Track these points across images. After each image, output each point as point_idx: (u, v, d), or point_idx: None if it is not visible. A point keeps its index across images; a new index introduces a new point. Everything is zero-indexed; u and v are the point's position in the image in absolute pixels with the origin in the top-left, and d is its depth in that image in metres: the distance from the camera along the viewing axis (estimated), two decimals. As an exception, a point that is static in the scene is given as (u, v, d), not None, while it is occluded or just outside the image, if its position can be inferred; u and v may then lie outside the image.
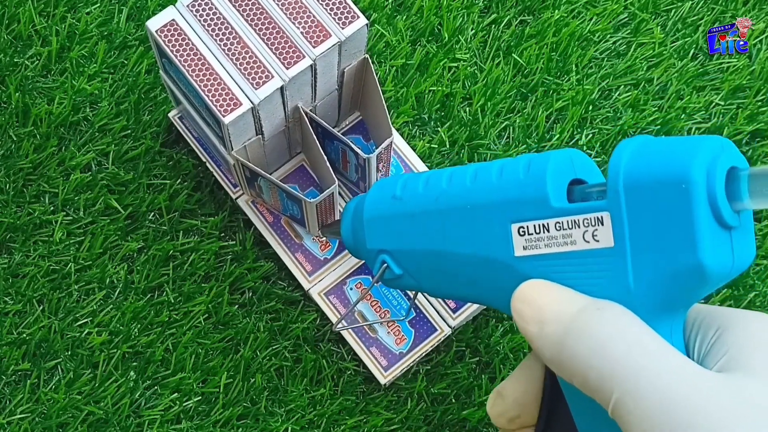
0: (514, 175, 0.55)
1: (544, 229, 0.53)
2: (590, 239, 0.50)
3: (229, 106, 0.69)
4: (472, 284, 0.60)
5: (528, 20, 0.95)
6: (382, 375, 0.80)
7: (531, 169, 0.54)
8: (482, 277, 0.58)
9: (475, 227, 0.57)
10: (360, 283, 0.83)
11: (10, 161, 0.86)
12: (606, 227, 0.49)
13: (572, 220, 0.51)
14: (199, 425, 0.81)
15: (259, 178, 0.77)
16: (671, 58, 0.93)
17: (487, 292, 0.59)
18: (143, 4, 0.92)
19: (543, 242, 0.53)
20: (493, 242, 0.56)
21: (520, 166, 0.55)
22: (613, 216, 0.49)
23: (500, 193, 0.56)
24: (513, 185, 0.55)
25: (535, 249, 0.54)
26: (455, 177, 0.60)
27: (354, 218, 0.69)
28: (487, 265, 0.57)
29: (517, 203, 0.54)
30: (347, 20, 0.72)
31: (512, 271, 0.55)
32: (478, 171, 0.58)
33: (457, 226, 0.59)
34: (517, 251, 0.55)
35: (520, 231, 0.54)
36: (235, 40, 0.71)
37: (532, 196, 0.53)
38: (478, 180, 0.58)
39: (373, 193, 0.67)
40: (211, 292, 0.84)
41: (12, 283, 0.83)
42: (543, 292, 0.51)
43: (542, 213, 0.53)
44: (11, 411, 0.80)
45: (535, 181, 0.53)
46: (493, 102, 0.90)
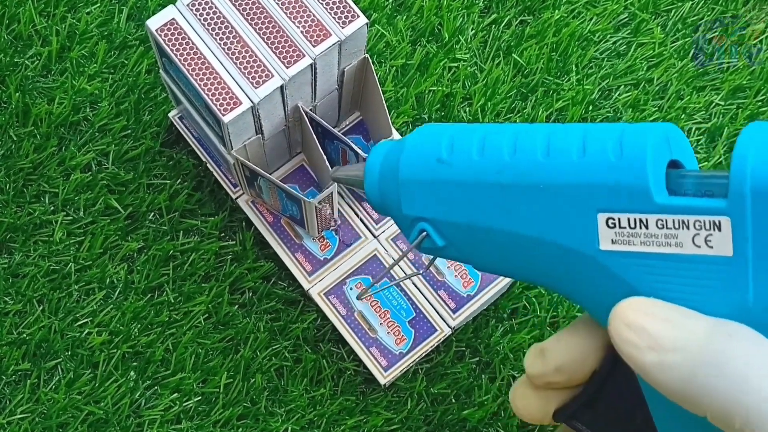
0: (602, 155, 0.47)
1: (641, 224, 0.46)
2: (702, 244, 0.44)
3: (229, 105, 0.69)
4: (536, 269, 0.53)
5: (528, 20, 0.95)
6: (381, 375, 0.80)
7: (625, 150, 0.46)
8: (555, 265, 0.51)
9: (548, 210, 0.50)
10: (360, 283, 0.83)
11: (10, 161, 0.86)
12: (724, 234, 0.43)
13: (680, 219, 0.45)
14: (199, 425, 0.80)
15: (258, 178, 0.77)
16: (671, 58, 0.93)
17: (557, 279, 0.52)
18: (143, 4, 0.92)
19: (638, 239, 0.46)
20: (571, 230, 0.49)
21: (608, 144, 0.47)
22: (735, 222, 0.42)
23: (585, 175, 0.48)
24: (602, 168, 0.47)
25: (628, 245, 0.47)
26: (521, 146, 0.51)
27: (383, 175, 0.60)
28: (562, 253, 0.50)
29: (607, 191, 0.47)
30: (347, 19, 0.72)
31: (594, 264, 0.48)
32: (551, 142, 0.50)
33: (525, 206, 0.51)
34: (603, 244, 0.48)
35: (609, 222, 0.47)
36: (235, 39, 0.71)
37: (628, 186, 0.46)
38: (553, 156, 0.49)
39: (410, 149, 0.58)
40: (211, 292, 0.84)
41: (12, 283, 0.83)
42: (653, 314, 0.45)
43: (641, 207, 0.46)
44: (11, 411, 0.80)
45: (632, 168, 0.46)
46: (493, 102, 0.90)
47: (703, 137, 0.91)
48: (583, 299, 0.51)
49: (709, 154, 0.90)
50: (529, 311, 0.84)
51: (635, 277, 0.47)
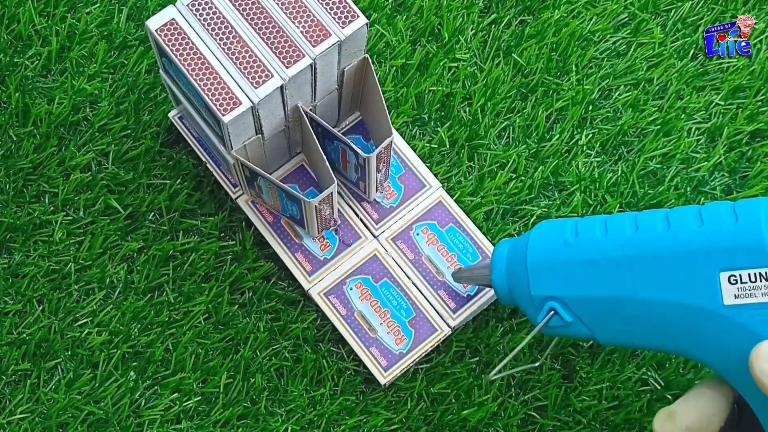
0: (720, 222, 0.53)
1: (761, 277, 0.51)
2: None
3: (228, 105, 0.69)
4: (665, 332, 0.58)
5: (528, 20, 0.95)
6: (381, 375, 0.80)
7: (740, 217, 0.53)
8: (679, 324, 0.57)
9: (673, 275, 0.56)
10: (360, 282, 0.83)
11: (10, 161, 0.86)
12: None
13: None
14: (199, 425, 0.80)
15: (258, 178, 0.77)
16: (671, 58, 0.93)
17: (684, 340, 0.57)
18: (143, 4, 0.92)
19: (760, 291, 0.51)
20: (696, 290, 0.55)
21: (723, 213, 0.53)
22: None
23: (705, 241, 0.54)
24: (721, 233, 0.53)
25: (751, 298, 0.52)
26: (642, 223, 0.58)
27: (510, 265, 0.68)
28: (688, 313, 0.55)
29: (726, 251, 0.53)
30: (347, 20, 0.72)
31: (720, 319, 0.54)
32: (670, 217, 0.57)
33: (651, 274, 0.57)
34: (726, 299, 0.53)
35: (731, 279, 0.53)
36: (234, 39, 0.71)
37: (746, 244, 0.52)
38: (674, 228, 0.56)
39: (537, 239, 0.66)
40: (211, 292, 0.84)
41: (12, 283, 0.83)
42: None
43: (760, 262, 0.51)
44: (11, 411, 0.80)
45: (748, 229, 0.52)
46: (493, 102, 0.90)
47: (703, 137, 0.91)
48: (710, 356, 0.56)
49: (709, 154, 0.90)
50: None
51: (762, 325, 0.52)
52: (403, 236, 0.84)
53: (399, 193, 0.85)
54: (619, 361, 0.83)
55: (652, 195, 0.87)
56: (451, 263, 0.83)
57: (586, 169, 0.89)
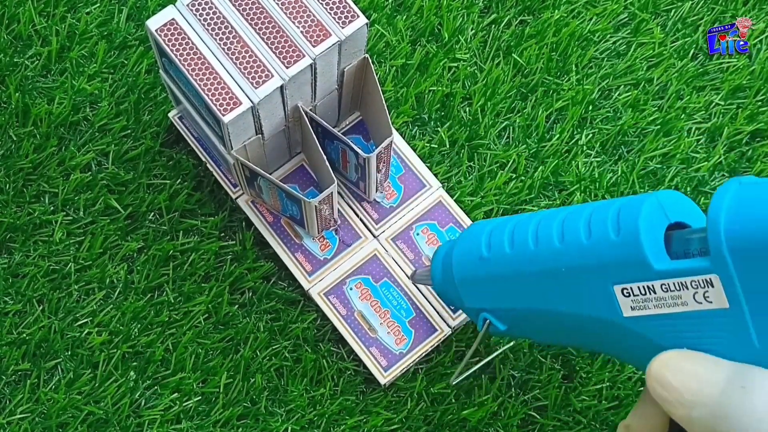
0: (604, 234, 0.53)
1: (649, 290, 0.50)
2: (702, 300, 0.48)
3: (228, 105, 0.69)
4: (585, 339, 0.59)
5: (528, 20, 0.95)
6: (382, 375, 0.80)
7: (621, 227, 0.52)
8: (594, 333, 0.57)
9: (575, 289, 0.56)
10: (360, 282, 0.83)
11: (10, 161, 0.86)
12: (717, 289, 0.47)
13: (678, 282, 0.49)
14: (199, 425, 0.80)
15: (258, 178, 0.77)
16: (671, 58, 0.93)
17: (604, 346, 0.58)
18: (143, 4, 0.92)
19: (651, 303, 0.51)
20: (597, 303, 0.54)
21: (608, 223, 0.53)
22: (723, 278, 0.46)
23: (593, 256, 0.53)
24: (606, 247, 0.52)
25: (645, 310, 0.51)
26: (542, 235, 0.58)
27: (444, 275, 0.69)
28: (597, 324, 0.55)
29: (614, 266, 0.52)
30: (347, 20, 0.72)
31: (623, 329, 0.53)
32: (565, 227, 0.56)
33: (555, 288, 0.57)
34: (625, 312, 0.53)
35: (624, 292, 0.52)
36: (234, 39, 0.71)
37: (629, 259, 0.51)
38: (567, 240, 0.56)
39: (459, 251, 0.67)
40: (211, 292, 0.84)
41: (12, 283, 0.83)
42: (679, 369, 0.48)
43: (644, 275, 0.50)
44: (11, 411, 0.80)
45: (629, 243, 0.51)
46: (493, 102, 0.90)
47: (703, 137, 0.91)
48: (625, 358, 0.57)
49: (709, 154, 0.90)
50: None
51: (659, 336, 0.51)
52: (403, 236, 0.84)
53: (399, 193, 0.85)
54: (619, 360, 0.83)
55: (652, 195, 0.88)
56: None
57: (586, 169, 0.89)
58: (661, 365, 0.49)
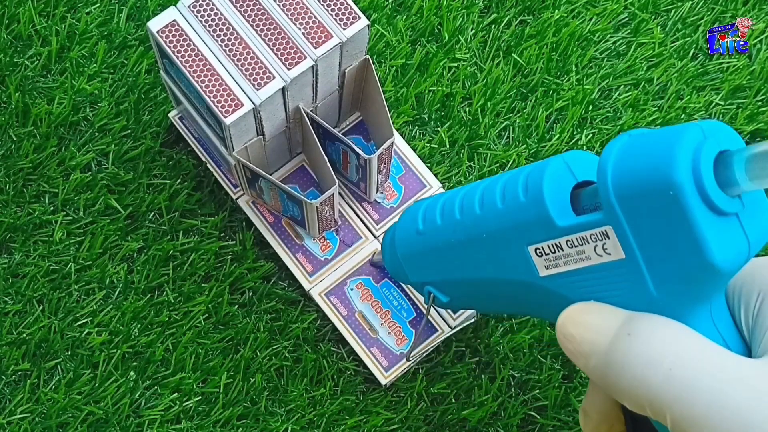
0: (515, 197, 0.54)
1: (557, 248, 0.52)
2: (602, 253, 0.49)
3: (230, 107, 0.69)
4: (517, 304, 0.60)
5: (528, 20, 0.95)
6: (383, 375, 0.80)
7: (528, 188, 0.53)
8: (522, 297, 0.58)
9: (496, 254, 0.57)
10: (361, 283, 0.83)
11: (10, 161, 0.86)
12: (612, 240, 0.48)
13: (580, 237, 0.50)
14: (199, 425, 0.81)
15: (260, 179, 0.77)
16: (671, 58, 0.93)
17: (534, 308, 0.59)
18: (143, 4, 0.92)
19: (561, 260, 0.52)
20: (517, 266, 0.56)
21: (518, 186, 0.54)
22: (615, 229, 0.47)
23: (507, 219, 0.55)
24: (516, 209, 0.54)
25: (557, 267, 0.53)
26: (465, 204, 0.60)
27: (391, 253, 0.70)
28: (521, 287, 0.57)
29: (525, 227, 0.54)
30: (348, 21, 0.72)
31: (543, 289, 0.55)
32: (485, 195, 0.58)
33: (480, 255, 0.59)
34: (541, 272, 0.54)
35: (537, 252, 0.54)
36: (236, 40, 0.71)
37: (536, 219, 0.52)
38: (485, 206, 0.57)
39: (400, 228, 0.69)
40: (211, 292, 0.84)
41: (12, 283, 0.83)
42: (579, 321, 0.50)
43: (551, 233, 0.52)
44: (11, 411, 0.80)
45: (535, 203, 0.52)
46: (493, 102, 0.90)
47: (703, 137, 0.91)
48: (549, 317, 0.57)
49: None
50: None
51: (571, 292, 0.53)
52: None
53: (399, 194, 0.85)
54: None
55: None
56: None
57: (586, 169, 0.89)
58: (565, 318, 0.51)
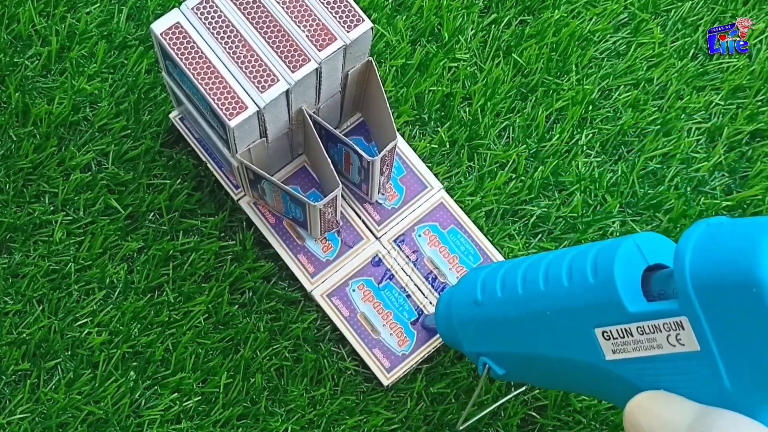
0: (583, 277, 0.53)
1: (627, 333, 0.51)
2: (675, 343, 0.48)
3: (234, 109, 0.69)
4: (577, 383, 0.60)
5: (528, 20, 0.95)
6: (384, 376, 0.81)
7: (598, 269, 0.52)
8: (584, 377, 0.57)
9: (560, 332, 0.56)
10: (362, 284, 0.83)
11: (10, 161, 0.86)
12: (687, 331, 0.47)
13: (653, 324, 0.49)
14: (199, 425, 0.81)
15: (262, 181, 0.77)
16: (671, 58, 0.94)
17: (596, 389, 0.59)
18: (143, 4, 0.92)
19: (630, 346, 0.51)
20: (582, 347, 0.55)
21: (587, 265, 0.53)
22: (691, 320, 0.47)
23: (574, 299, 0.54)
24: (584, 290, 0.53)
25: (624, 353, 0.52)
26: (528, 278, 0.59)
27: (446, 320, 0.70)
28: (584, 368, 0.56)
29: (593, 309, 0.53)
30: (352, 24, 0.71)
31: (608, 373, 0.54)
32: (549, 270, 0.57)
33: (542, 332, 0.58)
34: (607, 355, 0.53)
35: (605, 335, 0.53)
36: (240, 43, 0.70)
37: (606, 302, 0.52)
38: (550, 283, 0.56)
39: (457, 296, 0.68)
40: (211, 292, 0.84)
41: (12, 283, 0.83)
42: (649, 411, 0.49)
43: (621, 318, 0.51)
44: (11, 411, 0.80)
45: (605, 286, 0.51)
46: (493, 102, 0.90)
47: (703, 137, 0.91)
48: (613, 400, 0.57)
49: (709, 154, 0.90)
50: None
51: (639, 378, 0.52)
52: (406, 238, 0.84)
53: (401, 195, 0.85)
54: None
55: (652, 195, 0.88)
56: (452, 265, 0.83)
57: (586, 169, 0.89)
58: (633, 407, 0.50)
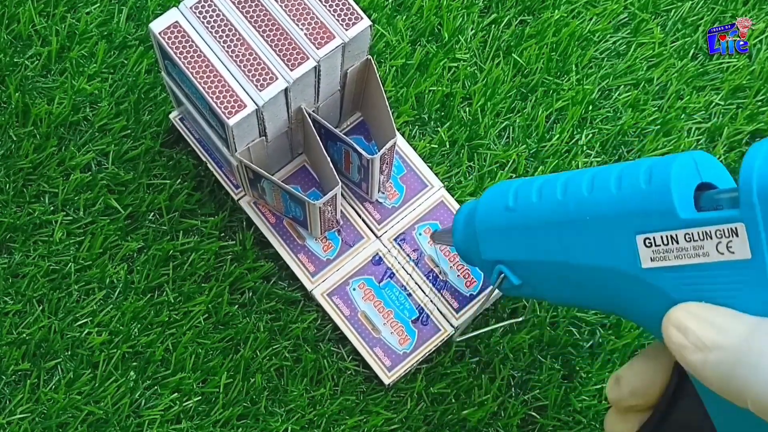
0: (635, 184, 0.53)
1: (672, 240, 0.51)
2: (724, 251, 0.48)
3: (233, 108, 0.69)
4: (598, 295, 0.60)
5: (528, 20, 0.95)
6: (386, 375, 0.81)
7: (653, 177, 0.52)
8: (609, 288, 0.57)
9: (597, 239, 0.56)
10: (363, 283, 0.83)
11: (10, 161, 0.86)
12: (741, 239, 0.47)
13: (703, 231, 0.49)
14: (199, 425, 0.80)
15: (262, 180, 0.77)
16: (671, 58, 0.94)
17: (617, 302, 0.58)
18: (143, 4, 0.92)
19: (672, 254, 0.51)
20: (617, 254, 0.55)
21: (640, 174, 0.53)
22: (749, 227, 0.46)
23: (622, 204, 0.54)
24: (635, 196, 0.53)
25: (664, 261, 0.52)
26: (570, 186, 0.59)
27: (466, 228, 0.70)
28: (614, 277, 0.56)
29: (641, 215, 0.53)
30: (351, 21, 0.71)
31: (641, 282, 0.54)
32: (595, 179, 0.57)
33: (578, 238, 0.58)
34: (644, 263, 0.53)
35: (647, 242, 0.53)
36: (238, 42, 0.70)
37: (658, 208, 0.52)
38: (596, 190, 0.56)
39: (484, 203, 0.68)
40: (211, 292, 0.84)
41: (12, 283, 0.83)
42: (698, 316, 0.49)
43: (669, 224, 0.51)
44: (11, 411, 0.80)
45: (660, 191, 0.52)
46: (493, 102, 0.90)
47: (703, 137, 0.91)
48: (636, 316, 0.57)
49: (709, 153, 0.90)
50: (528, 311, 0.85)
51: (675, 289, 0.51)
52: (406, 236, 0.84)
53: (401, 194, 0.85)
54: (620, 360, 0.83)
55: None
56: (453, 263, 0.83)
57: (586, 169, 0.89)
58: (682, 311, 0.50)
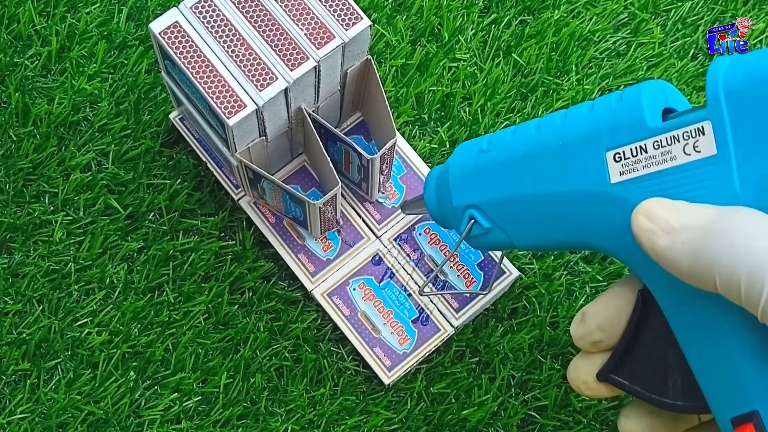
0: (606, 106, 0.56)
1: (641, 150, 0.54)
2: (691, 151, 0.51)
3: (233, 108, 0.69)
4: (567, 225, 0.61)
5: (528, 20, 0.95)
6: (386, 375, 0.81)
7: (624, 97, 0.55)
8: (578, 214, 0.59)
9: (567, 163, 0.58)
10: (363, 283, 0.83)
11: (10, 161, 0.86)
12: (708, 136, 0.50)
13: (671, 136, 0.52)
14: (199, 425, 0.81)
15: (262, 180, 0.77)
16: (671, 58, 0.94)
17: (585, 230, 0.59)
18: (143, 4, 0.92)
19: (641, 164, 0.54)
20: (587, 174, 0.57)
21: (612, 98, 0.56)
22: (715, 124, 0.49)
23: (593, 123, 0.57)
24: (606, 114, 0.56)
25: (633, 172, 0.54)
26: (544, 122, 0.61)
27: (438, 182, 0.70)
28: (583, 200, 0.58)
29: (611, 130, 0.55)
30: (351, 21, 0.72)
31: (610, 199, 0.56)
32: (569, 111, 0.59)
33: (548, 166, 0.60)
34: (613, 178, 0.55)
35: (616, 157, 0.55)
36: (238, 42, 0.71)
37: (628, 120, 0.54)
38: (569, 117, 0.59)
39: (457, 154, 0.69)
40: (211, 292, 0.84)
41: (12, 283, 0.83)
42: (667, 204, 0.51)
43: (639, 135, 0.54)
44: (11, 411, 0.80)
45: (630, 106, 0.54)
46: (493, 102, 0.90)
47: (703, 137, 0.91)
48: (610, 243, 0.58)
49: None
50: (528, 311, 0.85)
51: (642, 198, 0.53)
52: (406, 236, 0.84)
53: (401, 193, 0.85)
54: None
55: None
56: (453, 263, 0.83)
57: (585, 169, 0.89)
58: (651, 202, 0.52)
